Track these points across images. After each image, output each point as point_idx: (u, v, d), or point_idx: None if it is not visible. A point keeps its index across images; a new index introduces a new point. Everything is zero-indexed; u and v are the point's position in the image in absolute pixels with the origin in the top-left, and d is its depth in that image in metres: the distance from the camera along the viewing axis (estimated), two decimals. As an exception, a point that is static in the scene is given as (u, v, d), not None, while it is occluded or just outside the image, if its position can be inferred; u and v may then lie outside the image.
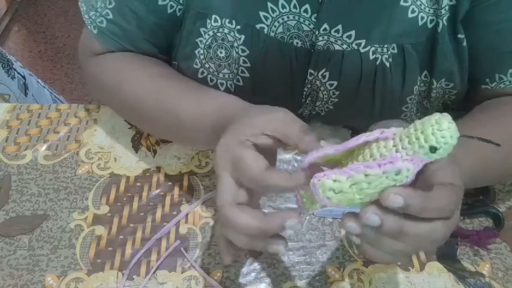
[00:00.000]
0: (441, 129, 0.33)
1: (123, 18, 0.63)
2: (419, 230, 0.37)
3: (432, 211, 0.36)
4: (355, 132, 0.72)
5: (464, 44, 0.59)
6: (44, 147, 0.70)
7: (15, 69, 0.97)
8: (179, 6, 0.62)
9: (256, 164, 0.42)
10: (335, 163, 0.40)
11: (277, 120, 0.45)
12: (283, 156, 0.69)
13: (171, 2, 0.61)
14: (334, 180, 0.37)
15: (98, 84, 0.68)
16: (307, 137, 0.42)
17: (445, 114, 0.34)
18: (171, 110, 0.58)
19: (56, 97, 1.09)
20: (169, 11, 0.62)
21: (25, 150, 0.70)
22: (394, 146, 0.35)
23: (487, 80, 0.62)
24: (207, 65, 0.63)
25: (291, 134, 0.43)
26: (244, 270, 0.57)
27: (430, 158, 0.34)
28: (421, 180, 0.38)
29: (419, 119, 0.72)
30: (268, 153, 0.46)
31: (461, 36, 0.58)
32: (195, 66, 0.64)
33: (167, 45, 0.67)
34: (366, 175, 0.36)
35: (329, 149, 0.39)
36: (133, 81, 0.63)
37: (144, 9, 0.62)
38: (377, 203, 0.37)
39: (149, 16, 0.62)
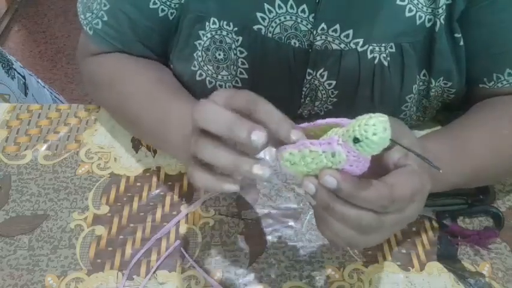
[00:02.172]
0: (367, 124, 0.36)
1: (117, 21, 0.63)
2: (346, 211, 0.40)
3: (360, 200, 0.39)
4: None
5: (461, 43, 0.59)
6: (44, 147, 0.70)
7: (15, 69, 0.97)
8: (171, 10, 0.62)
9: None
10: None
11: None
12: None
13: (162, 6, 0.62)
14: (290, 153, 0.41)
15: (92, 83, 0.69)
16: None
17: (383, 115, 0.36)
18: (156, 114, 0.60)
19: (56, 97, 1.09)
20: (161, 14, 0.62)
21: (25, 150, 0.70)
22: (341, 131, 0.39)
23: (485, 79, 0.62)
24: (205, 67, 0.63)
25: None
26: (244, 270, 0.57)
27: (359, 150, 0.37)
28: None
29: (419, 118, 0.73)
30: None
31: (458, 35, 0.59)
32: (193, 68, 0.64)
33: (163, 49, 0.67)
34: (310, 151, 0.40)
35: (305, 124, 0.44)
36: (124, 82, 0.64)
37: (135, 12, 0.62)
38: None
39: (141, 19, 0.63)
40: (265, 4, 0.58)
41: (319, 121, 0.42)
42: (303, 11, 0.58)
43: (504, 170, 0.61)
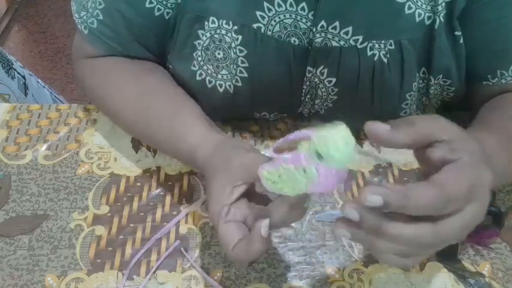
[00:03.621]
0: (327, 139, 0.36)
1: (112, 20, 0.63)
2: (400, 230, 0.37)
3: (412, 209, 0.36)
4: (355, 132, 0.72)
5: (461, 41, 0.59)
6: (44, 147, 0.70)
7: (15, 69, 0.97)
8: (167, 10, 0.62)
9: (226, 243, 0.45)
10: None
11: (243, 168, 0.48)
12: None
13: (158, 5, 0.62)
14: (267, 171, 0.41)
15: (87, 88, 0.69)
16: None
17: (344, 128, 0.36)
18: (153, 143, 0.64)
19: (56, 97, 1.09)
20: (157, 13, 0.62)
21: (25, 150, 0.70)
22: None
23: (489, 76, 0.62)
24: (205, 67, 0.63)
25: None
26: (244, 270, 0.57)
27: (327, 165, 0.37)
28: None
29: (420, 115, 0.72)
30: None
31: (458, 33, 0.59)
32: (193, 68, 0.64)
33: (159, 49, 0.67)
34: (283, 168, 0.40)
35: (279, 141, 0.43)
36: (120, 96, 0.64)
37: (131, 11, 0.62)
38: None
39: (137, 18, 0.63)
40: (264, 2, 0.58)
41: (290, 136, 0.41)
42: (303, 8, 0.58)
43: None
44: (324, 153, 0.36)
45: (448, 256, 0.58)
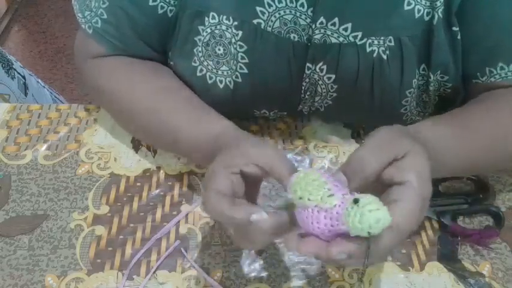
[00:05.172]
0: (371, 201, 0.38)
1: (116, 18, 0.63)
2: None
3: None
4: (356, 132, 0.72)
5: (459, 37, 0.59)
6: (44, 147, 0.70)
7: (15, 69, 0.97)
8: (170, 7, 0.62)
9: (215, 186, 0.45)
10: None
11: (269, 155, 0.48)
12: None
13: (162, 3, 0.62)
14: (307, 172, 0.43)
15: (94, 90, 0.68)
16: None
17: (388, 214, 0.38)
18: (169, 132, 0.61)
19: (56, 97, 1.09)
20: (160, 11, 0.62)
21: (25, 150, 0.70)
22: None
23: (478, 74, 0.62)
24: (205, 63, 0.63)
25: (280, 171, 0.46)
26: (244, 270, 0.57)
27: (348, 211, 0.39)
28: None
29: (419, 113, 0.73)
30: (252, 182, 0.49)
31: (455, 29, 0.59)
32: (193, 64, 0.64)
33: (162, 46, 0.67)
34: (325, 182, 0.41)
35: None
36: (131, 96, 0.64)
37: (134, 9, 0.62)
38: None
39: (140, 17, 0.63)
40: None
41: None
42: (302, 5, 0.58)
43: (503, 159, 0.60)
44: (361, 204, 0.38)
45: (448, 256, 0.58)
